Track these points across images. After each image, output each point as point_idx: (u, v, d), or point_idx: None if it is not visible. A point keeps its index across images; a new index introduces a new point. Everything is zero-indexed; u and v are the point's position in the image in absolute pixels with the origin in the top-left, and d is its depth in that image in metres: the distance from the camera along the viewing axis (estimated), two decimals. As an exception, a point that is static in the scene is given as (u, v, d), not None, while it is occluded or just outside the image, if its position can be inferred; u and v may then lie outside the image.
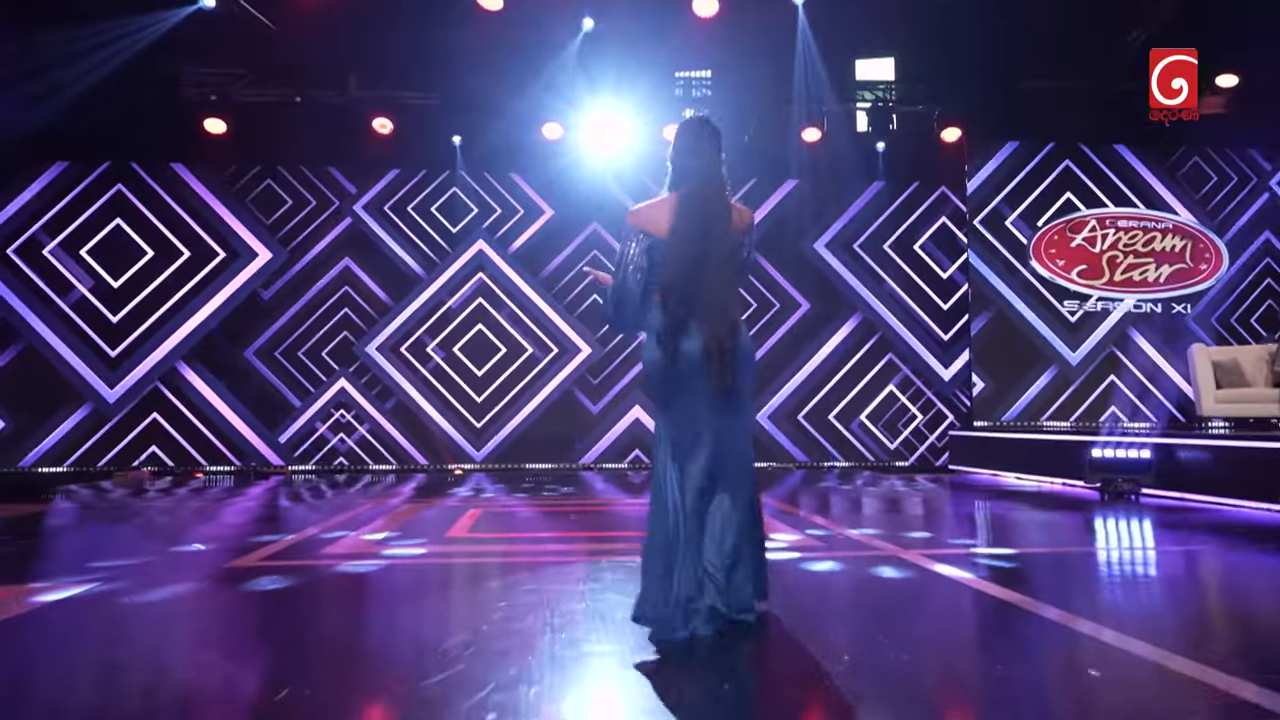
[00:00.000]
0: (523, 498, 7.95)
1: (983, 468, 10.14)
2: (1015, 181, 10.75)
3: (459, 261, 11.20)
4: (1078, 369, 10.58)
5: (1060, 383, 10.59)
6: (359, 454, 10.97)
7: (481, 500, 7.66)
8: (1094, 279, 10.53)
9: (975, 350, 10.78)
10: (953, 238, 11.65)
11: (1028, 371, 10.63)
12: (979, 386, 10.70)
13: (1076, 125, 10.34)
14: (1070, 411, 10.56)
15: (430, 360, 11.09)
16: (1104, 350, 10.61)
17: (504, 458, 11.10)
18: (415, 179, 11.24)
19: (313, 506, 7.36)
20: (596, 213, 11.33)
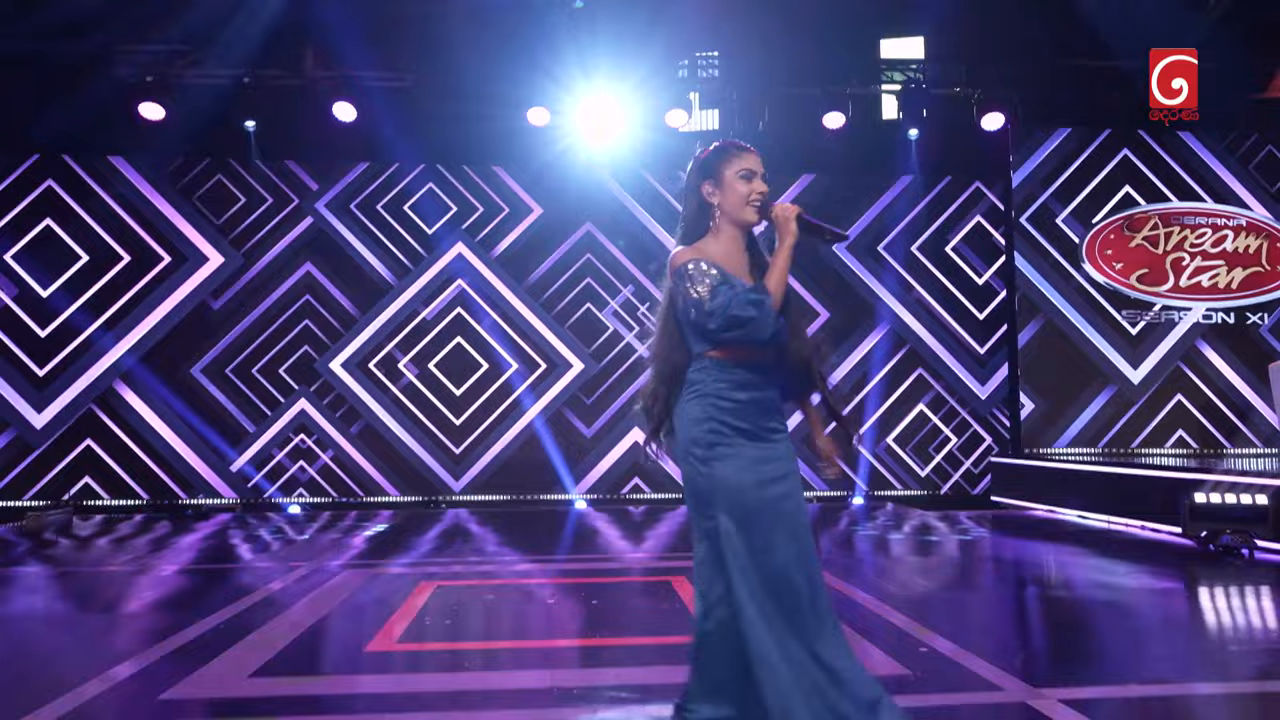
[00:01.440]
0: (494, 557, 6.39)
1: (1033, 501, 8.60)
2: (1067, 174, 9.23)
3: (435, 267, 9.68)
4: (1140, 388, 9.05)
5: (1120, 404, 9.06)
6: (321, 485, 9.43)
7: (440, 563, 6.10)
8: (1157, 284, 9.02)
9: (1022, 366, 9.25)
10: (989, 238, 10.12)
11: (1082, 391, 9.10)
12: (1027, 408, 9.17)
13: (1135, 109, 8.81)
14: (1130, 437, 9.03)
15: (402, 378, 9.56)
16: (1169, 366, 9.09)
17: (486, 487, 9.57)
18: (386, 173, 9.71)
19: (229, 577, 5.83)
20: (590, 212, 9.81)
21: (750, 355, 2.31)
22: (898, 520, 8.16)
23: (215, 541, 7.10)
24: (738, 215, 2.38)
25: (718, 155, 2.42)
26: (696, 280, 2.28)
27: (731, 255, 2.38)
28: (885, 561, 6.10)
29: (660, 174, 9.97)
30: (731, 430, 2.29)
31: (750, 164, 2.39)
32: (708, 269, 2.29)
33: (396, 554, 6.31)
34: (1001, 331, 10.05)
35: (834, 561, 5.84)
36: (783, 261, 2.30)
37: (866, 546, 6.70)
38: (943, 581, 5.45)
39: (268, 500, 9.35)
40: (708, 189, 2.40)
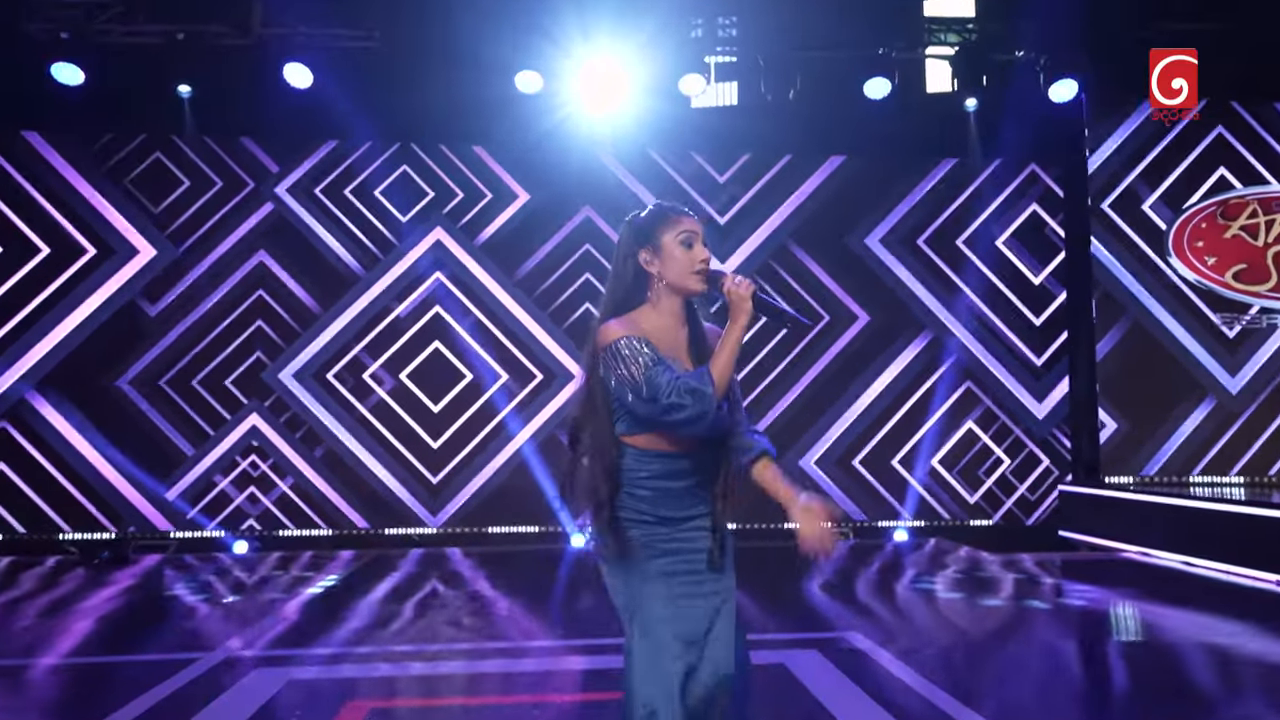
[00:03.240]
0: (471, 635, 4.77)
1: (1115, 539, 7.01)
2: (1154, 153, 7.67)
3: (410, 257, 8.05)
4: (1240, 400, 7.49)
5: (1219, 420, 7.49)
6: (277, 516, 7.78)
7: (393, 653, 4.46)
8: (1257, 282, 7.47)
9: (1102, 377, 7.67)
10: (1046, 231, 8.56)
11: (1175, 406, 7.53)
12: (1109, 428, 7.59)
13: (1231, 78, 7.26)
14: (1232, 460, 7.47)
15: (371, 391, 7.93)
16: (1273, 377, 7.54)
17: (469, 520, 7.93)
18: (354, 155, 8.09)
19: (85, 679, 4.20)
20: (588, 195, 8.20)
21: (678, 444, 2.03)
22: (958, 566, 6.56)
23: (115, 604, 5.44)
24: (682, 284, 2.08)
25: (654, 220, 2.14)
26: (629, 360, 1.99)
27: (669, 330, 2.10)
28: (965, 643, 4.50)
29: (671, 153, 8.38)
30: (646, 519, 2.05)
31: (690, 227, 2.11)
32: (640, 347, 2.00)
33: (336, 629, 4.67)
34: (1061, 340, 8.48)
35: (882, 624, 4.24)
36: (732, 345, 2.01)
37: (927, 612, 5.10)
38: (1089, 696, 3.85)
39: (213, 536, 7.69)
40: (645, 257, 2.11)
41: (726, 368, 2.00)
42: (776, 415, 8.22)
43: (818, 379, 8.32)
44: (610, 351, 2.03)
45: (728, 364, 2.01)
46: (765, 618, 4.81)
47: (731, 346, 2.02)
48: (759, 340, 8.29)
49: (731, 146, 8.42)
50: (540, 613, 5.11)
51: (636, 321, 2.07)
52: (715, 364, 2.01)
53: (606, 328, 2.07)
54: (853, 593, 5.57)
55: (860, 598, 5.42)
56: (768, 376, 8.27)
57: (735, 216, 8.41)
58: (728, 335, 2.02)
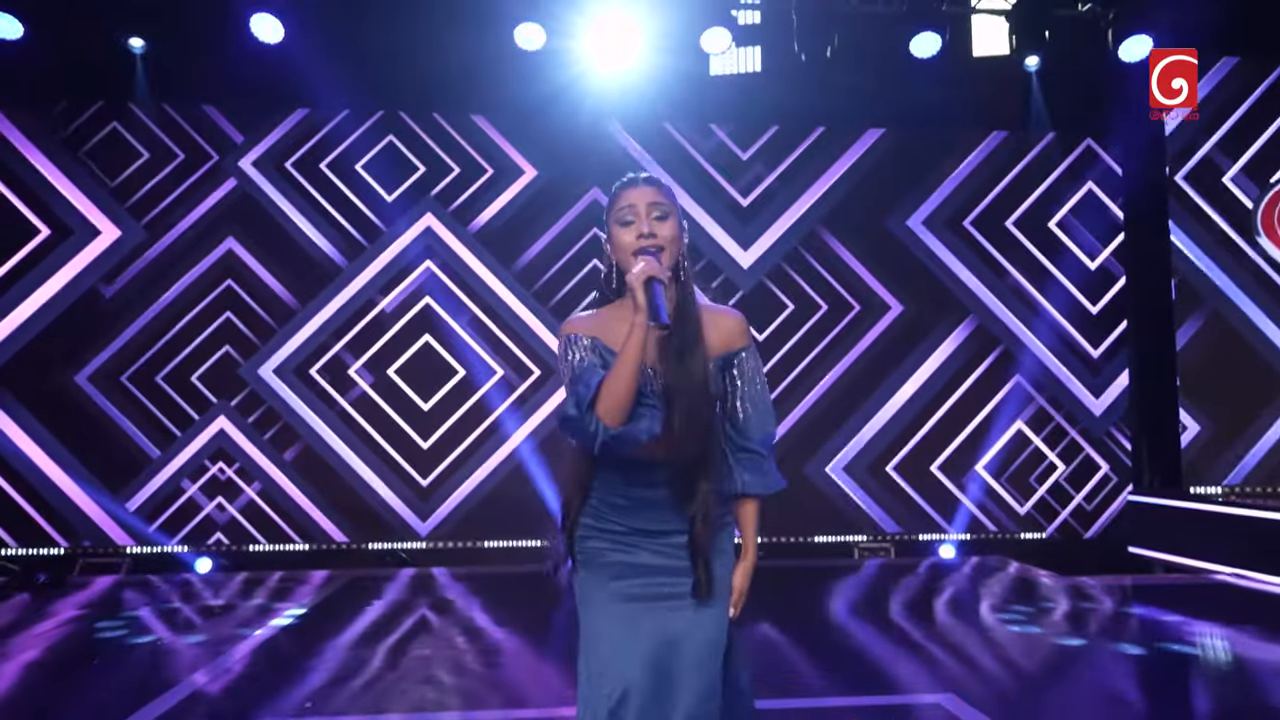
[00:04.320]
0: (462, 695, 3.81)
1: (1202, 559, 6.03)
2: (1234, 118, 6.67)
3: (397, 244, 7.10)
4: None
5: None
6: (245, 528, 6.84)
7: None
8: (1355, 266, 6.47)
9: (1183, 373, 6.68)
10: (1104, 211, 7.56)
11: (1263, 406, 6.53)
12: (1191, 430, 6.60)
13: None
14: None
15: (354, 387, 6.98)
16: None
17: (461, 531, 6.98)
18: (331, 124, 7.14)
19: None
20: (596, 174, 7.23)
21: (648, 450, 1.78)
22: (1039, 593, 5.58)
23: (29, 648, 4.49)
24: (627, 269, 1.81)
25: (607, 204, 1.92)
26: (561, 362, 1.86)
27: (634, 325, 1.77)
28: (1113, 708, 3.51)
29: (689, 126, 7.41)
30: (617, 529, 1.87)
31: (630, 200, 1.86)
32: (575, 348, 1.84)
33: (292, 686, 3.72)
34: (1120, 330, 7.50)
35: (985, 679, 3.26)
36: (628, 351, 1.72)
37: (1034, 661, 4.12)
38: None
39: (173, 552, 6.75)
40: (605, 248, 1.93)
41: (616, 382, 1.70)
42: (800, 416, 7.26)
43: (846, 375, 7.35)
44: (559, 349, 1.88)
45: (622, 374, 1.71)
46: (818, 674, 3.84)
47: (628, 353, 1.71)
48: (783, 333, 7.32)
49: (756, 118, 7.43)
50: (554, 657, 4.16)
51: (601, 317, 1.88)
52: (610, 374, 1.73)
53: (566, 322, 1.90)
54: (922, 631, 4.60)
55: (936, 639, 4.44)
56: (791, 373, 7.31)
57: (760, 198, 7.43)
58: (627, 336, 1.73)
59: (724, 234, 7.32)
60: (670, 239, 1.84)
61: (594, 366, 1.77)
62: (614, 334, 1.79)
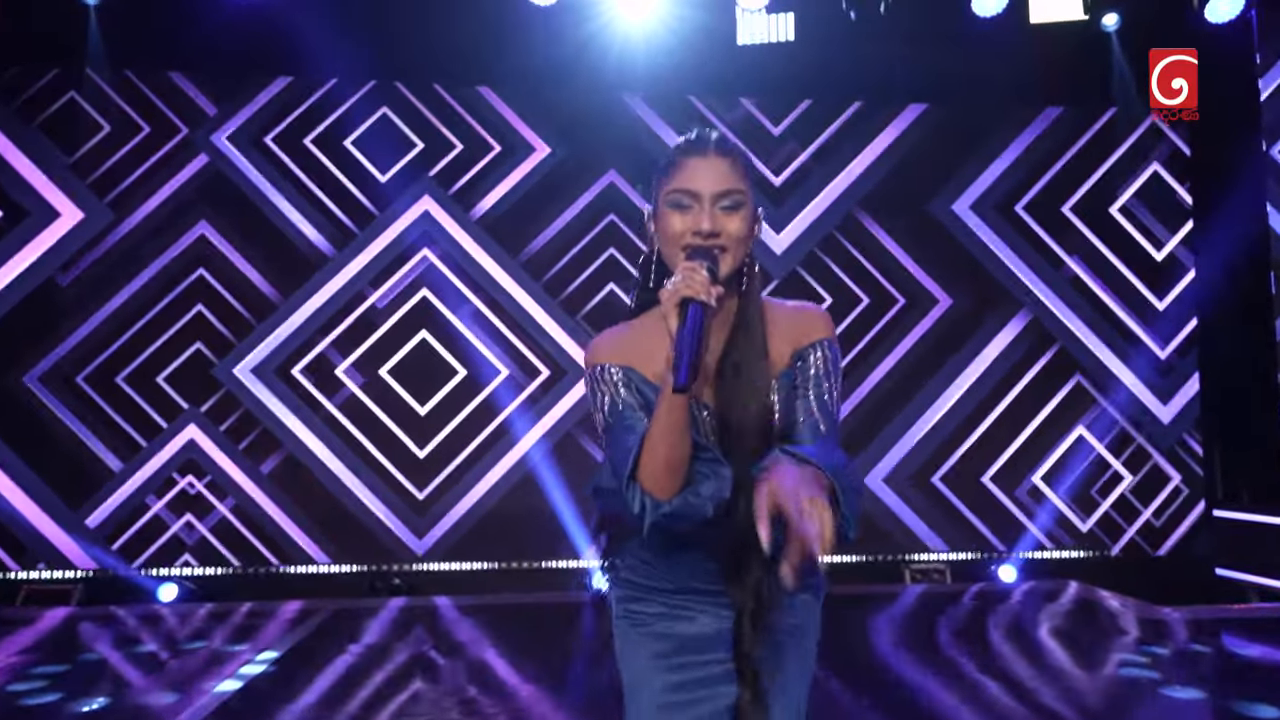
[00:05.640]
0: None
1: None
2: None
3: (391, 230, 6.21)
4: None
5: None
6: (216, 549, 5.94)
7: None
8: None
9: None
10: (1171, 196, 6.72)
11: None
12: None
13: None
14: None
15: (341, 389, 6.09)
16: None
17: (461, 551, 6.08)
18: (317, 94, 6.25)
19: None
20: (614, 153, 6.36)
21: None
22: (1151, 631, 4.71)
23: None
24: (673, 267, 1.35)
25: (659, 170, 1.41)
26: (596, 397, 1.38)
27: None
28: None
29: (715, 98, 6.54)
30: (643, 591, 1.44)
31: (692, 179, 1.34)
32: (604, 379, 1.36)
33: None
34: (1191, 328, 6.65)
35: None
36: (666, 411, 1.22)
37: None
38: None
39: (134, 578, 5.84)
40: (647, 227, 1.45)
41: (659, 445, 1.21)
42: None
43: (890, 375, 6.49)
44: (588, 385, 1.41)
45: (661, 440, 1.21)
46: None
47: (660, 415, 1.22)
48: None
49: (789, 91, 6.57)
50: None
51: (636, 334, 1.40)
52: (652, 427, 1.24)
53: (591, 345, 1.43)
54: (1037, 683, 3.72)
55: (1062, 697, 3.57)
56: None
57: (792, 177, 6.56)
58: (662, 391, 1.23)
59: (755, 218, 6.45)
60: (738, 239, 1.34)
61: (632, 414, 1.31)
62: (653, 360, 1.34)
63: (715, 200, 1.33)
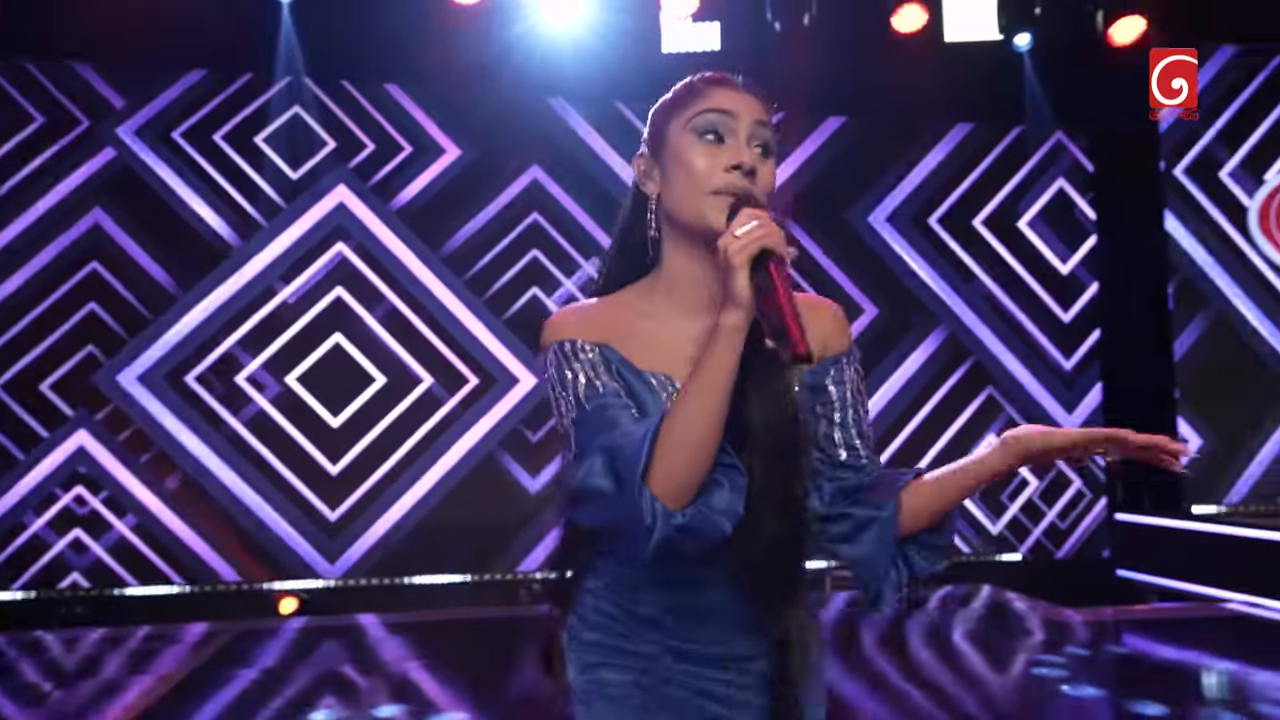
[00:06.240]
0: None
1: (1208, 584, 5.37)
2: (1233, 108, 6.11)
3: (302, 223, 5.88)
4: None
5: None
6: (111, 570, 5.47)
7: None
8: (1351, 269, 6.00)
9: (1183, 383, 6.06)
10: (1072, 211, 6.97)
11: (1260, 420, 5.97)
12: (1194, 444, 5.98)
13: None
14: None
15: (247, 400, 5.71)
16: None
17: (379, 568, 5.77)
18: (230, 89, 5.88)
19: None
20: (537, 151, 6.20)
21: None
22: (1062, 634, 4.79)
23: None
24: (691, 216, 1.07)
25: (667, 101, 1.14)
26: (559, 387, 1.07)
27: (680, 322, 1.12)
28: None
29: (641, 104, 6.44)
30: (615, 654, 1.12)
31: (725, 102, 1.08)
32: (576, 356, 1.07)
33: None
34: (1094, 340, 6.90)
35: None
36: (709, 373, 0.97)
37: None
38: None
39: (13, 601, 5.32)
40: (640, 167, 1.15)
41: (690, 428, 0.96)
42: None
43: (810, 385, 6.48)
44: (545, 366, 1.11)
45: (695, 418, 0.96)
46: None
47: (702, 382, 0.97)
48: (749, 336, 6.41)
49: (713, 99, 6.53)
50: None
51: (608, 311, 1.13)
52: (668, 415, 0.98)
53: (550, 319, 1.13)
54: (956, 689, 3.71)
55: (975, 702, 3.56)
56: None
57: (718, 185, 6.51)
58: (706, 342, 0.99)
59: (681, 225, 6.39)
60: (768, 193, 1.09)
61: (616, 401, 1.04)
62: (636, 338, 1.09)
63: (753, 133, 1.09)
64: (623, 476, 0.96)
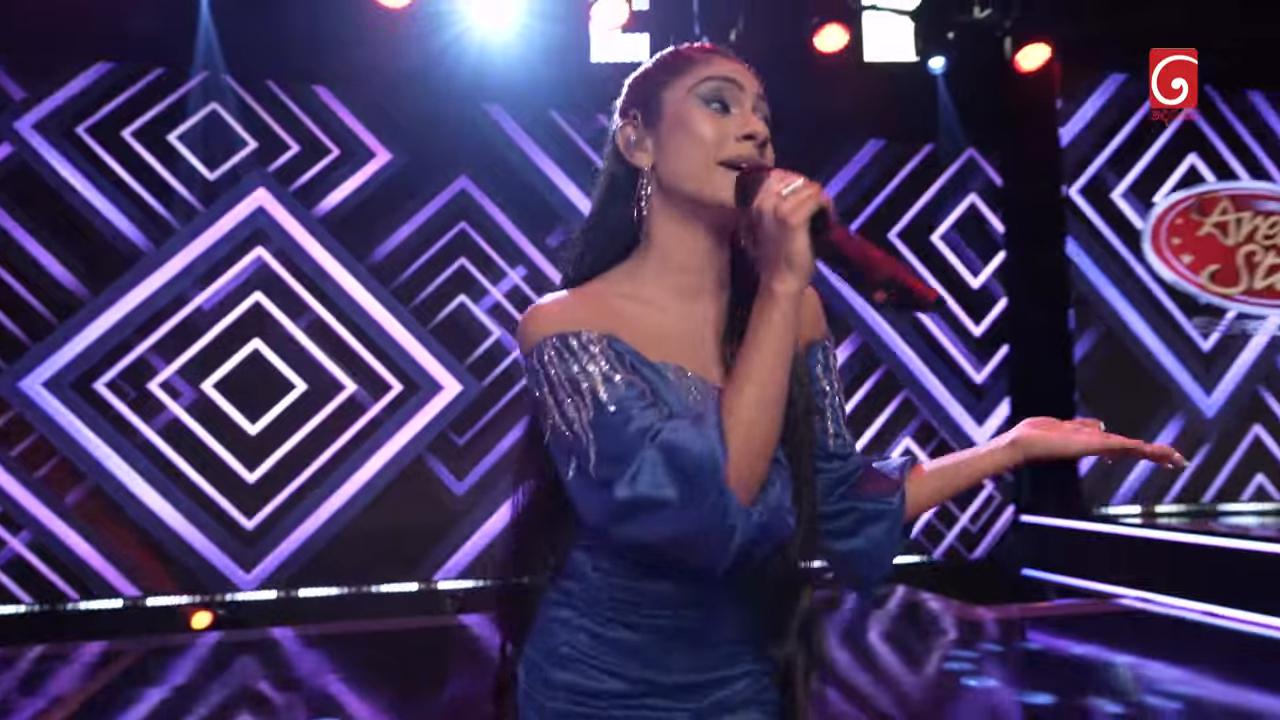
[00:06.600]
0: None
1: (1108, 582, 5.66)
2: (1123, 134, 6.46)
3: (219, 227, 5.69)
4: (1215, 424, 6.36)
5: (1188, 443, 6.33)
6: (7, 587, 5.18)
7: None
8: (1230, 285, 6.41)
9: (1083, 391, 6.36)
10: (984, 227, 7.27)
11: (1146, 426, 6.31)
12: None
13: (1203, 60, 6.15)
14: (1202, 487, 6.33)
15: (161, 408, 5.49)
16: (1247, 392, 6.48)
17: (297, 580, 5.61)
18: (142, 83, 5.65)
19: None
20: (467, 159, 6.15)
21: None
22: (974, 633, 4.98)
23: None
24: (698, 188, 0.97)
25: (655, 68, 1.06)
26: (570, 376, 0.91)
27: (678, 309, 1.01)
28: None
29: (574, 113, 6.47)
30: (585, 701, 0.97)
31: (726, 70, 1.01)
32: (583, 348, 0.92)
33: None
34: (1002, 354, 7.19)
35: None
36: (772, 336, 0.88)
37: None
38: None
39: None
40: (628, 136, 1.04)
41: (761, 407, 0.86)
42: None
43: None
44: (534, 366, 0.94)
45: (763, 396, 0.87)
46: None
47: (770, 339, 0.87)
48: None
49: (642, 111, 6.59)
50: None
51: (595, 300, 0.99)
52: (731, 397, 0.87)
53: (533, 311, 0.97)
54: (871, 689, 3.81)
55: (890, 699, 3.66)
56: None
57: (646, 195, 6.57)
58: (755, 322, 0.89)
59: (609, 234, 6.41)
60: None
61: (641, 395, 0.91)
62: (636, 327, 0.97)
63: (756, 105, 1.01)
64: (696, 476, 0.83)
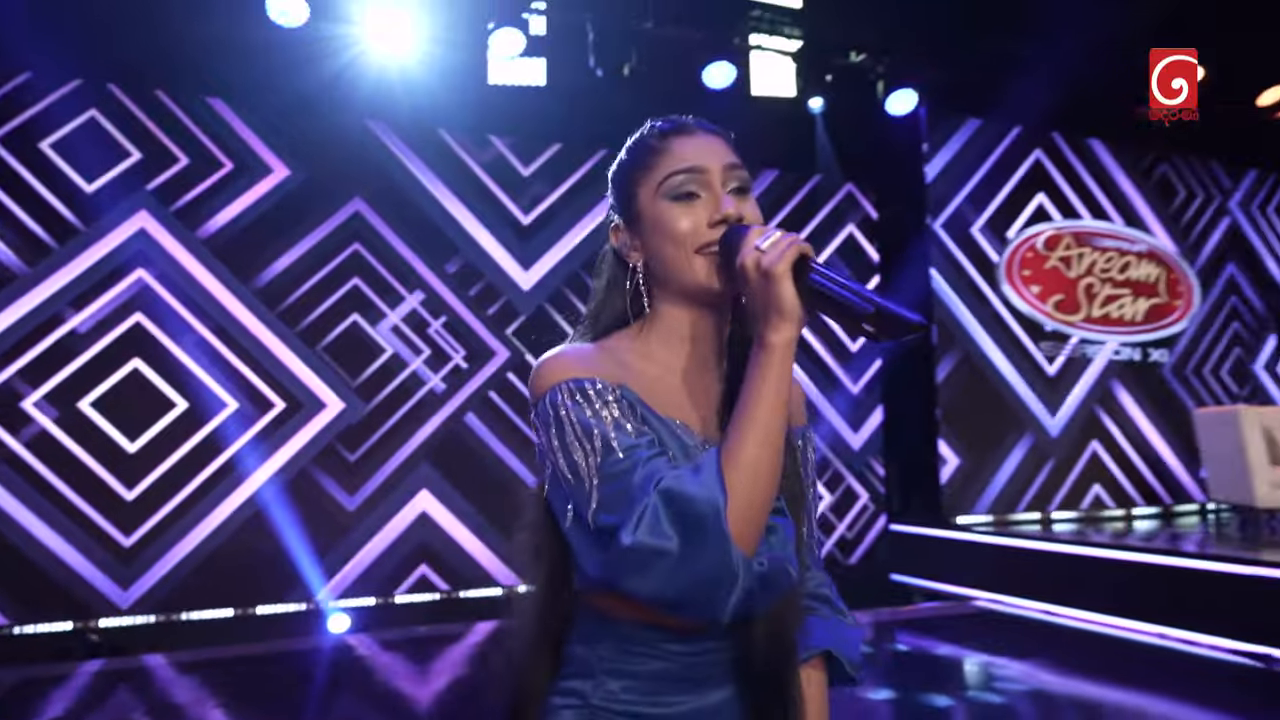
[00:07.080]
0: None
1: (964, 585, 6.12)
2: (980, 174, 6.98)
3: (97, 248, 5.49)
4: (1059, 441, 6.94)
5: (1036, 458, 6.90)
6: None
7: None
8: (1072, 313, 7.01)
9: (944, 410, 6.82)
10: (860, 254, 7.72)
11: (1000, 442, 6.84)
12: (950, 464, 6.74)
13: (1048, 104, 6.74)
14: (1048, 498, 6.90)
15: (29, 424, 5.26)
16: (1086, 412, 7.09)
17: (174, 602, 5.46)
18: (10, 84, 5.39)
19: None
20: (359, 179, 6.12)
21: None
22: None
23: None
24: (685, 283, 1.01)
25: (627, 165, 1.09)
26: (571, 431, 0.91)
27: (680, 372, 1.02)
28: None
29: (467, 136, 6.53)
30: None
31: (691, 158, 1.03)
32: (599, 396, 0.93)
33: None
34: (876, 368, 7.66)
35: None
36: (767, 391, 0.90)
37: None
38: None
39: None
40: (620, 240, 1.10)
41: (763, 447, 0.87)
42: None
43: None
44: (545, 410, 0.94)
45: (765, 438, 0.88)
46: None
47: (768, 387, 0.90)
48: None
49: (538, 134, 6.72)
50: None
51: (612, 354, 1.00)
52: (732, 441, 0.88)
53: (549, 359, 0.98)
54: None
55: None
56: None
57: (541, 216, 6.71)
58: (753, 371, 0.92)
59: (504, 252, 6.50)
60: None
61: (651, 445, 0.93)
62: (646, 382, 1.00)
63: (726, 179, 1.03)
64: (697, 523, 0.83)
